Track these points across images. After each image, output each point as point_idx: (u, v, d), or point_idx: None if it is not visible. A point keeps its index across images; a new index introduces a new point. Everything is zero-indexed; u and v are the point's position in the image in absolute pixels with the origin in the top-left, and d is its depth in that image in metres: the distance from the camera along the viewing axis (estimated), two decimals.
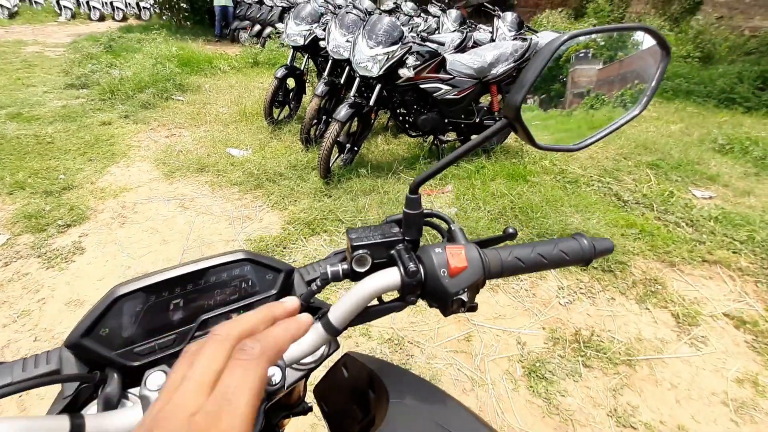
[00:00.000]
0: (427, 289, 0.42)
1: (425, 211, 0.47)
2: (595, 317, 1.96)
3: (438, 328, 1.85)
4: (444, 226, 0.50)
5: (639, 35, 0.44)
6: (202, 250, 2.30)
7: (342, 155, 3.10)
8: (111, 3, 12.78)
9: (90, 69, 5.59)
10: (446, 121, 3.21)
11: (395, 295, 0.44)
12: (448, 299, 0.41)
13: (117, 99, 4.56)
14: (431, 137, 3.46)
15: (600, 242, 0.47)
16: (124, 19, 12.72)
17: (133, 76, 4.99)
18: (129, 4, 13.20)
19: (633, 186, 3.15)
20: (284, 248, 2.32)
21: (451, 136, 3.50)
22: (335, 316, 0.41)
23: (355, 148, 3.12)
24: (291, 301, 0.31)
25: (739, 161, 3.77)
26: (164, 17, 10.67)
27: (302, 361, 0.43)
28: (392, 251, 0.44)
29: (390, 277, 0.41)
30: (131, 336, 0.39)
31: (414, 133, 3.28)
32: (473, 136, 3.53)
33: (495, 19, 4.57)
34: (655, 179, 3.26)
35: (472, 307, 0.43)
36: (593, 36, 0.42)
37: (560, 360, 1.73)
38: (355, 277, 0.45)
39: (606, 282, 2.17)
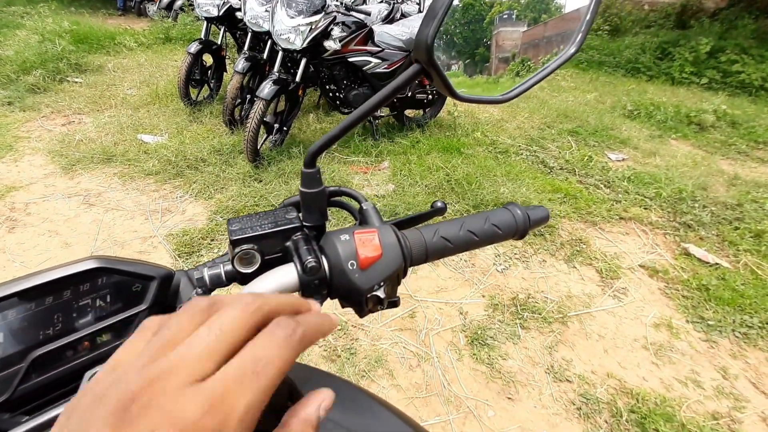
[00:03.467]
0: (335, 288, 0.34)
1: (329, 188, 0.39)
2: (529, 280, 2.04)
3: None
4: (354, 205, 0.42)
5: None
6: (114, 250, 2.04)
7: (271, 136, 2.91)
8: None
9: None
10: None
11: None
12: (361, 297, 0.33)
13: None
14: None
15: (535, 211, 0.43)
16: None
17: (15, 55, 4.25)
18: None
19: (557, 153, 3.32)
20: (212, 240, 2.14)
21: (384, 111, 3.42)
22: None
23: (285, 128, 2.94)
24: (315, 304, 0.26)
25: (645, 125, 4.12)
26: None
27: None
28: (288, 243, 0.36)
29: (284, 276, 0.33)
30: None
31: (346, 110, 3.16)
32: (407, 111, 3.50)
33: None
34: (576, 145, 3.46)
35: (393, 302, 0.36)
36: None
37: (500, 325, 1.78)
38: (242, 279, 0.36)
39: (537, 245, 2.26)
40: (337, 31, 2.66)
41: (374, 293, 0.33)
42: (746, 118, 4.21)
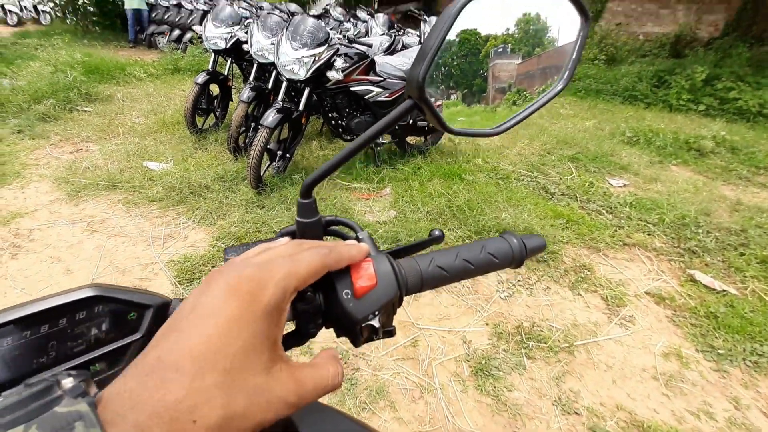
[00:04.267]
0: (329, 317, 0.34)
1: (326, 218, 0.39)
2: (533, 308, 2.01)
3: None
4: (350, 234, 0.42)
5: (555, 3, 0.40)
6: (115, 278, 2.03)
7: (274, 163, 2.94)
8: (2, 6, 11.28)
9: None
10: None
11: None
12: (356, 327, 0.33)
13: (8, 112, 3.98)
14: None
15: (531, 240, 0.43)
16: (20, 23, 11.30)
17: (28, 85, 4.39)
18: (25, 7, 11.75)
19: (558, 179, 3.34)
20: (213, 267, 2.13)
21: (386, 138, 3.47)
22: None
23: (288, 155, 2.98)
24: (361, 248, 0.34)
25: (645, 151, 4.16)
26: (68, 21, 9.63)
27: None
28: None
29: None
30: None
31: (348, 137, 3.21)
32: (408, 138, 3.56)
33: (422, 23, 4.66)
34: (576, 171, 3.48)
35: (389, 332, 0.36)
36: (501, 1, 0.37)
37: (505, 354, 1.74)
38: None
39: (541, 272, 2.24)
40: (339, 62, 2.73)
41: (369, 322, 0.32)
42: (745, 144, 4.25)
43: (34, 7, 11.39)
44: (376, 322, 0.32)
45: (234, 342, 0.22)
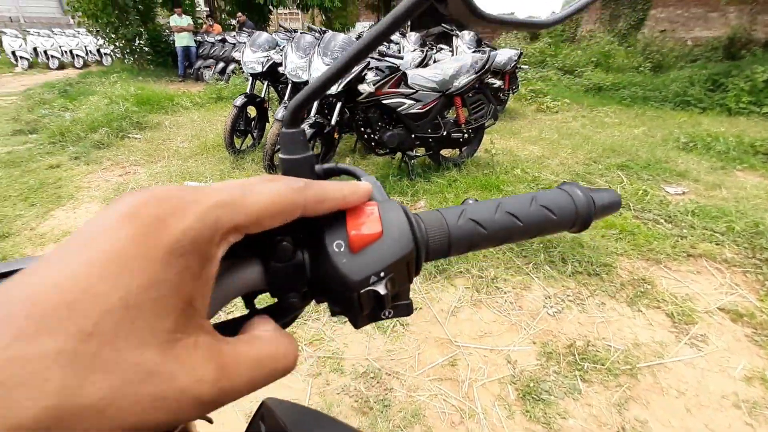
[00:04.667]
0: (317, 283, 0.24)
1: (323, 166, 0.30)
2: (587, 325, 1.81)
3: (418, 354, 1.65)
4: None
5: None
6: None
7: None
8: (71, 51, 12.58)
9: (41, 114, 5.32)
10: (413, 136, 3.12)
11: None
12: (353, 294, 0.23)
13: (68, 141, 4.30)
14: (399, 154, 3.35)
15: (600, 194, 0.32)
16: (86, 65, 12.51)
17: (86, 116, 4.76)
18: (90, 51, 13.03)
19: (606, 187, 3.10)
20: None
21: (419, 151, 3.40)
22: None
23: None
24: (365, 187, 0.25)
25: (704, 157, 3.81)
26: (126, 61, 10.54)
27: None
28: None
29: (244, 270, 0.23)
30: None
31: (381, 151, 3.17)
32: (442, 151, 3.47)
33: (454, 38, 4.64)
34: (627, 180, 3.23)
35: (402, 308, 0.26)
36: None
37: (556, 377, 1.55)
38: None
39: (593, 286, 2.03)
40: (371, 76, 2.72)
41: (371, 287, 0.22)
42: None
43: (98, 50, 12.59)
44: (381, 288, 0.22)
45: (111, 291, 0.14)
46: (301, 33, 3.11)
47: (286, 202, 0.20)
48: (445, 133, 3.24)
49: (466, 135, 3.32)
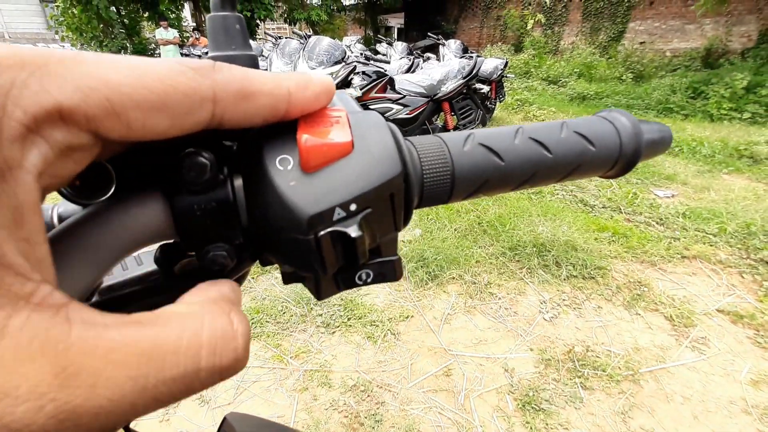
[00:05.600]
0: (254, 221, 0.16)
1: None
2: (584, 330, 1.74)
3: (411, 365, 1.56)
4: None
5: None
6: None
7: None
8: None
9: None
10: None
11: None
12: (308, 234, 0.15)
13: None
14: None
15: (650, 126, 0.24)
16: None
17: None
18: None
19: (596, 192, 3.08)
20: None
21: None
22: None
23: None
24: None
25: (691, 161, 3.84)
26: None
27: None
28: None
29: (140, 209, 0.15)
30: None
31: None
32: None
33: (440, 46, 4.66)
34: (616, 184, 3.22)
35: (387, 267, 0.18)
36: None
37: (556, 385, 1.47)
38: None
39: (589, 290, 1.97)
40: (357, 80, 2.68)
41: (335, 227, 0.15)
42: None
43: None
44: (352, 230, 0.15)
45: None
46: (286, 39, 3.06)
47: (176, 85, 0.12)
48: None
49: None
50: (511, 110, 6.36)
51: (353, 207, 0.15)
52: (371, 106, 2.82)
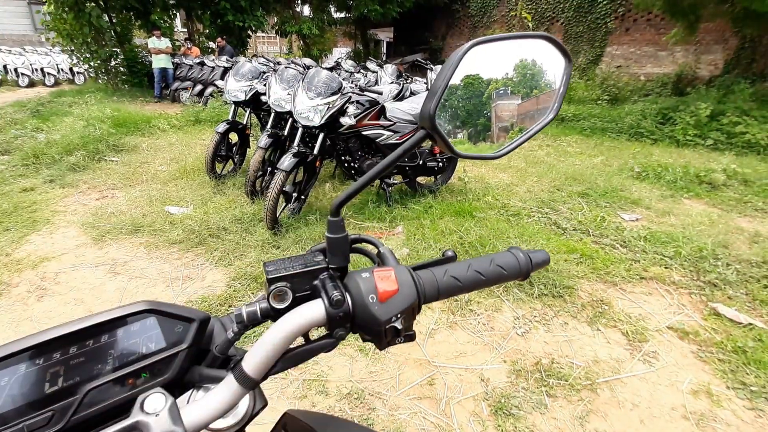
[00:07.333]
0: (357, 320, 0.38)
1: (351, 235, 0.44)
2: (552, 344, 1.97)
3: (399, 375, 1.76)
4: (373, 250, 0.47)
5: (540, 43, 0.46)
6: None
7: (289, 205, 3.04)
8: (42, 69, 12.28)
9: (13, 135, 5.20)
10: None
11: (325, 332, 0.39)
12: (381, 328, 0.37)
13: (42, 163, 4.24)
14: (378, 181, 3.51)
15: (536, 254, 0.47)
16: (57, 84, 12.22)
17: (62, 139, 4.70)
18: (62, 69, 12.76)
19: (569, 214, 3.35)
20: (229, 306, 2.16)
21: (397, 179, 3.58)
22: (250, 364, 0.35)
23: (303, 197, 3.08)
24: None
25: (655, 185, 4.17)
26: (100, 81, 10.41)
27: (216, 426, 0.37)
28: (316, 281, 0.40)
29: (312, 310, 0.37)
30: None
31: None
32: (419, 178, 3.65)
33: (428, 72, 4.93)
34: (587, 207, 3.50)
35: (410, 336, 0.39)
36: (497, 43, 0.43)
37: (525, 393, 1.69)
38: (276, 315, 0.39)
39: (557, 307, 2.21)
40: (352, 109, 2.89)
41: (392, 324, 0.36)
42: (758, 176, 4.24)
43: (70, 69, 12.36)
44: (398, 324, 0.36)
45: None
46: (285, 66, 3.27)
47: None
48: (421, 162, 3.44)
49: (440, 164, 3.53)
50: None
51: (398, 315, 0.36)
52: (364, 132, 3.04)
